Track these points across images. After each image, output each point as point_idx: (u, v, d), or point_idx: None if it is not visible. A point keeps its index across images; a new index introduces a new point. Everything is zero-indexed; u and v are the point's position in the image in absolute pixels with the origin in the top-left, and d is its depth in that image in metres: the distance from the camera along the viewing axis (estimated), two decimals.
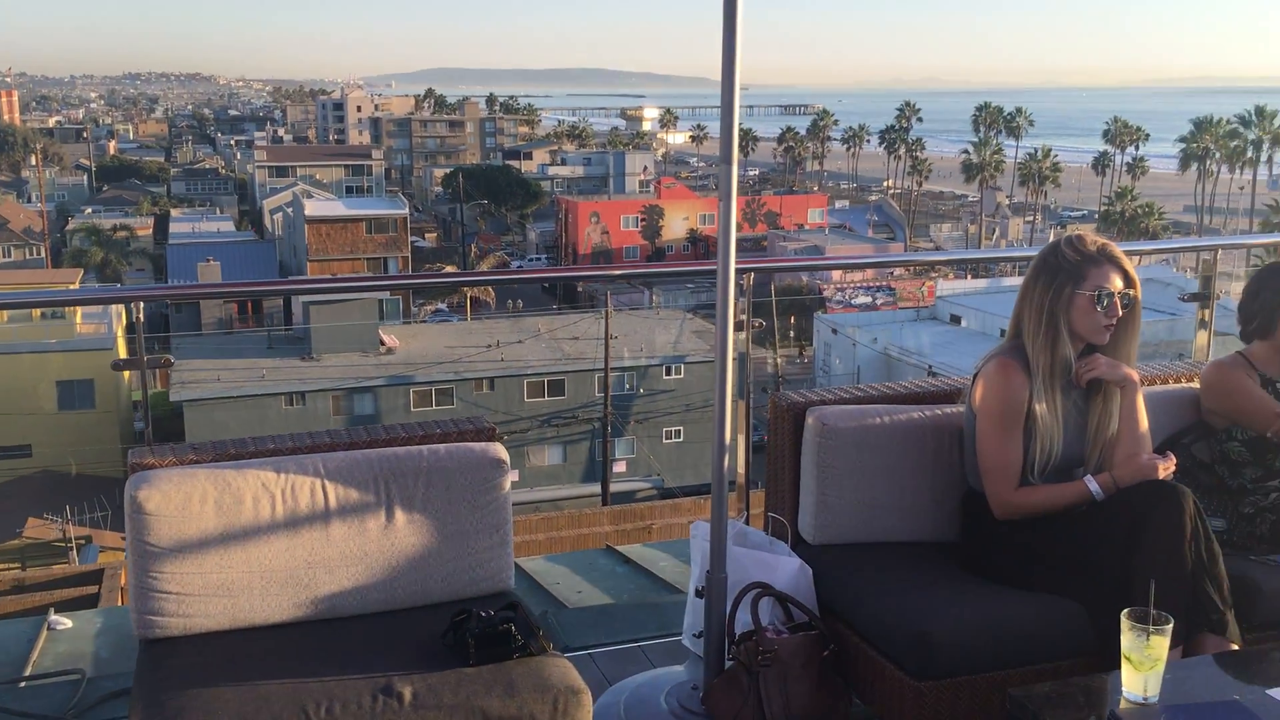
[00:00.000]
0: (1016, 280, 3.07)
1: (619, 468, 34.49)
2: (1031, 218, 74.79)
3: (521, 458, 35.30)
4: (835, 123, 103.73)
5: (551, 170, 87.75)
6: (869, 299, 49.27)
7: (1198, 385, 3.58)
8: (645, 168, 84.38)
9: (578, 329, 37.55)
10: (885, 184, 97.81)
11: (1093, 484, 3.00)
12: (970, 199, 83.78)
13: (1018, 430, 3.06)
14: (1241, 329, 3.51)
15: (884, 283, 49.79)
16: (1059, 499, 3.03)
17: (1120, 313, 3.05)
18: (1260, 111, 71.82)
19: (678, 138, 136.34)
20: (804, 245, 60.74)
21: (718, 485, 2.98)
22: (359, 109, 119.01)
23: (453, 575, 2.90)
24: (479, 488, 2.91)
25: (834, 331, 41.54)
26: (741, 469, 3.87)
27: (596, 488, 32.78)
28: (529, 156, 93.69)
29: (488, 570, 2.94)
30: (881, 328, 40.69)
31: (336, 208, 59.26)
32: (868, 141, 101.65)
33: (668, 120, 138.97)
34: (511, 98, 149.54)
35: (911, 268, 55.75)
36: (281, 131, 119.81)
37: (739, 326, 3.62)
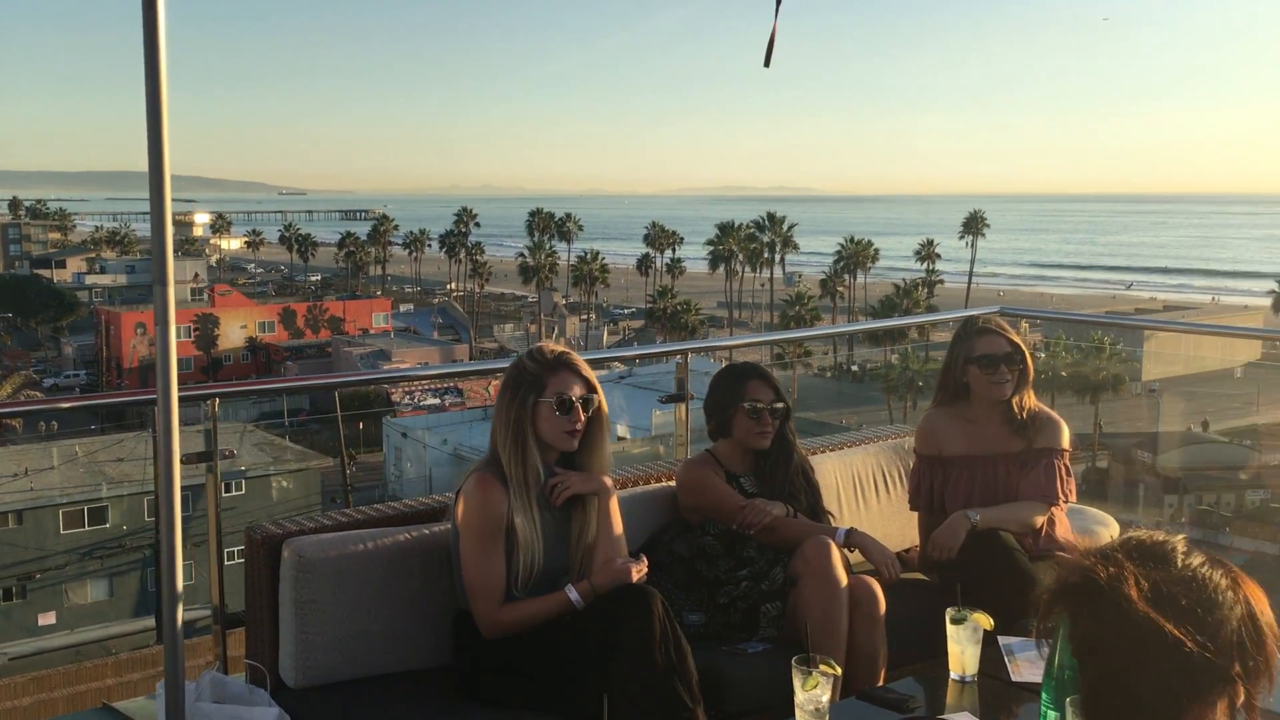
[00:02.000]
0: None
1: None
2: (586, 316, 78.71)
3: (59, 597, 31.67)
4: (396, 227, 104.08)
5: (90, 279, 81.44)
6: (437, 400, 49.34)
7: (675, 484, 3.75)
8: (197, 275, 79.95)
9: (122, 449, 34.52)
10: (449, 287, 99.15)
11: (573, 593, 3.01)
12: (530, 300, 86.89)
13: (499, 545, 3.03)
14: (708, 428, 3.73)
15: (451, 384, 50.08)
16: (543, 611, 3.01)
17: (582, 417, 3.10)
18: (771, 218, 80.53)
19: (233, 243, 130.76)
20: (369, 350, 59.91)
21: (170, 640, 2.68)
22: None
23: None
24: None
25: (404, 435, 41.17)
26: (215, 610, 3.56)
27: (151, 621, 29.99)
28: (62, 265, 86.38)
29: None
30: (451, 428, 40.80)
31: None
32: (429, 246, 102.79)
33: (221, 225, 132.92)
34: (39, 201, 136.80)
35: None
36: None
37: (205, 457, 3.35)
